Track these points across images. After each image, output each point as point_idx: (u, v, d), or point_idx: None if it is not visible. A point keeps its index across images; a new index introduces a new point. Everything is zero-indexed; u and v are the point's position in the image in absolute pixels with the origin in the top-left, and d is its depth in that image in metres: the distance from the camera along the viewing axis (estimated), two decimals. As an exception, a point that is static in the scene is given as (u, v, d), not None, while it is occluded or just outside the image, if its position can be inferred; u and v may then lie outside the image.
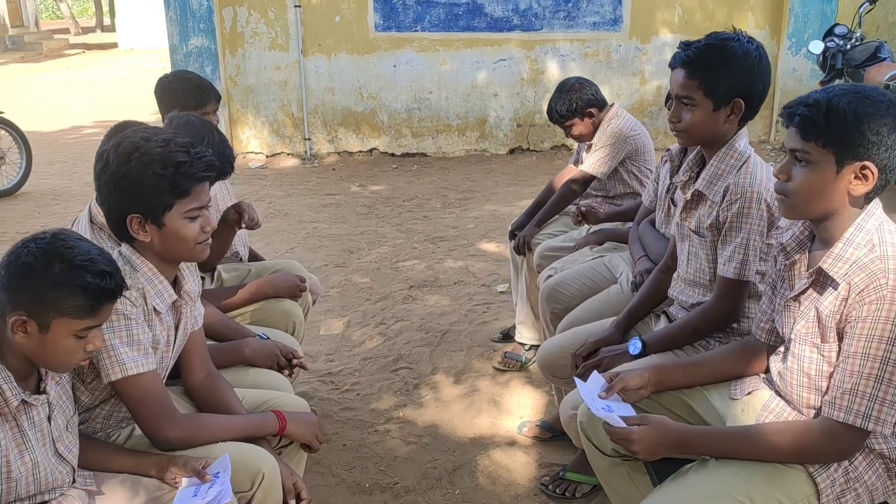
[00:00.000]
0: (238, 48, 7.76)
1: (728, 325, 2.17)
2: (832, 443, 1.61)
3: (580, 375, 2.14)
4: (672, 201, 2.53)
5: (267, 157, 8.04)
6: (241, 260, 3.05)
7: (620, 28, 7.75)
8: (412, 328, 4.07)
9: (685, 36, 7.27)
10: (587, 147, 3.54)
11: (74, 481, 1.69)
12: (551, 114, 3.48)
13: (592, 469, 2.10)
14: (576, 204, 3.50)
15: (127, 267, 1.80)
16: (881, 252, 1.57)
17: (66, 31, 26.58)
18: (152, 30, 20.32)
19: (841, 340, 1.62)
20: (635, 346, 2.23)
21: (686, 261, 2.29)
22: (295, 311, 2.74)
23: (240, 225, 2.66)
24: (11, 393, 1.54)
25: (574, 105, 3.40)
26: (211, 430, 1.87)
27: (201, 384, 2.05)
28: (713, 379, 1.96)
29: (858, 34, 6.16)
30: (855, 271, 1.58)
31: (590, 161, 3.45)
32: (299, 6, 7.61)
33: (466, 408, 3.29)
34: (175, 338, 1.92)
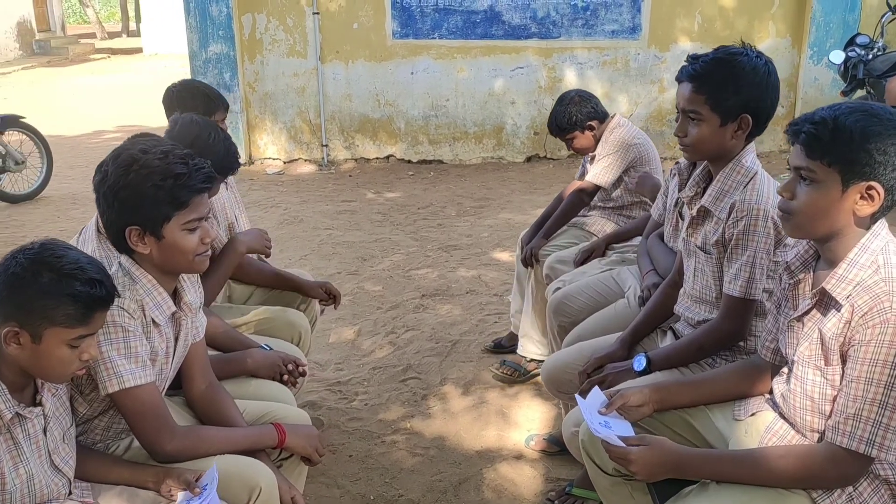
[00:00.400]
0: (257, 55, 7.81)
1: (734, 344, 2.13)
2: (836, 469, 1.58)
3: (583, 392, 2.11)
4: (680, 215, 2.50)
5: (284, 164, 8.08)
6: None
7: (639, 36, 7.71)
8: (422, 338, 4.05)
9: (705, 44, 7.21)
10: (591, 159, 3.52)
11: (71, 493, 1.70)
12: (552, 127, 3.48)
13: (594, 487, 2.07)
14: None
15: (126, 278, 1.81)
16: (886, 274, 1.53)
17: (93, 36, 26.92)
18: (177, 35, 20.47)
19: (844, 363, 1.59)
20: (640, 363, 2.21)
21: (692, 277, 2.26)
22: (300, 322, 2.74)
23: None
24: (5, 406, 1.55)
25: (574, 118, 3.39)
26: (209, 443, 1.87)
27: (202, 395, 2.05)
28: (716, 398, 1.92)
29: (881, 44, 6.09)
30: (859, 293, 1.55)
31: (594, 171, 3.43)
32: (317, 13, 7.65)
33: (474, 420, 3.27)
34: (175, 349, 1.92)
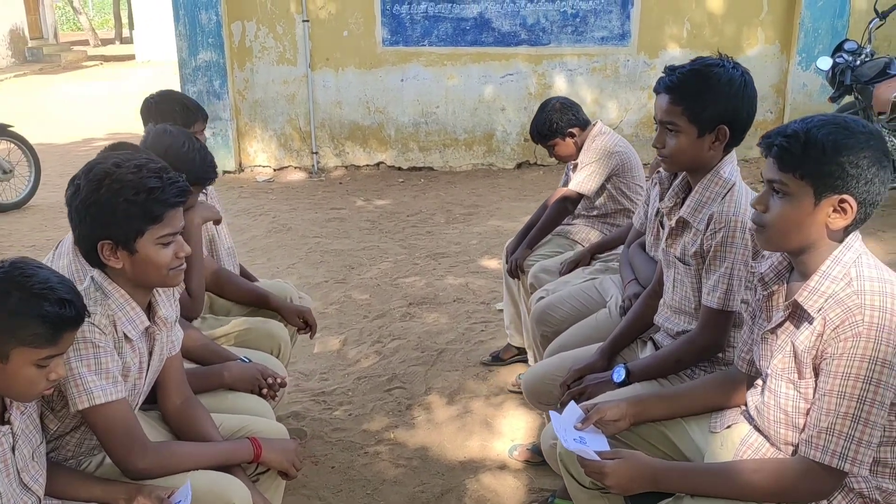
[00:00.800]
0: (246, 62, 7.80)
1: (713, 356, 2.13)
2: (809, 483, 1.57)
3: (563, 404, 2.10)
4: (661, 225, 2.49)
5: (274, 171, 8.07)
6: None
7: (629, 43, 7.72)
8: (408, 347, 4.04)
9: (694, 51, 7.19)
10: (573, 167, 3.52)
11: (40, 511, 1.68)
12: (533, 134, 3.48)
13: (573, 500, 2.06)
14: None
15: (98, 293, 1.79)
16: (858, 287, 1.53)
17: (86, 43, 26.90)
18: (170, 42, 20.45)
19: (817, 377, 1.58)
20: (619, 375, 2.20)
21: (672, 288, 2.25)
22: (280, 334, 2.72)
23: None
24: None
25: (555, 125, 3.39)
26: (182, 459, 1.85)
27: (177, 410, 2.04)
28: (693, 411, 1.92)
29: (868, 50, 6.08)
30: (831, 306, 1.54)
31: (577, 179, 3.43)
32: (307, 21, 7.65)
33: (458, 429, 3.25)
34: (148, 364, 1.91)
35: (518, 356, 3.70)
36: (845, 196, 1.54)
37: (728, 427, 1.83)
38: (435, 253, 5.54)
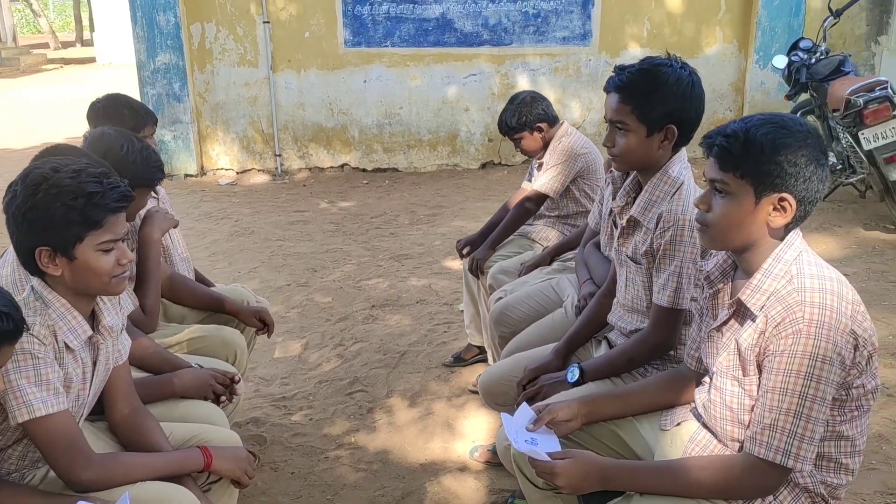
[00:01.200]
0: (207, 64, 7.70)
1: (664, 354, 2.14)
2: (754, 479, 1.58)
3: (520, 404, 2.10)
4: (614, 224, 2.51)
5: (237, 174, 7.98)
6: None
7: (590, 42, 7.76)
8: (371, 349, 4.02)
9: (654, 50, 7.27)
10: (538, 165, 3.53)
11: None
12: (501, 126, 3.48)
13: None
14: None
15: (38, 303, 1.75)
16: (798, 284, 1.55)
17: (46, 46, 26.35)
18: (130, 44, 20.20)
19: (761, 374, 1.59)
20: (573, 374, 2.20)
21: (624, 287, 2.26)
22: (236, 341, 2.67)
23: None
24: None
25: (524, 119, 3.39)
26: (128, 470, 1.81)
27: (125, 421, 2.00)
28: (643, 409, 1.93)
29: (823, 48, 6.18)
30: (772, 303, 1.56)
31: (542, 180, 3.43)
32: (268, 22, 7.58)
33: (420, 432, 3.24)
34: (93, 374, 1.86)
35: (479, 356, 3.71)
36: (785, 194, 1.56)
37: (678, 424, 1.85)
38: (398, 254, 5.52)
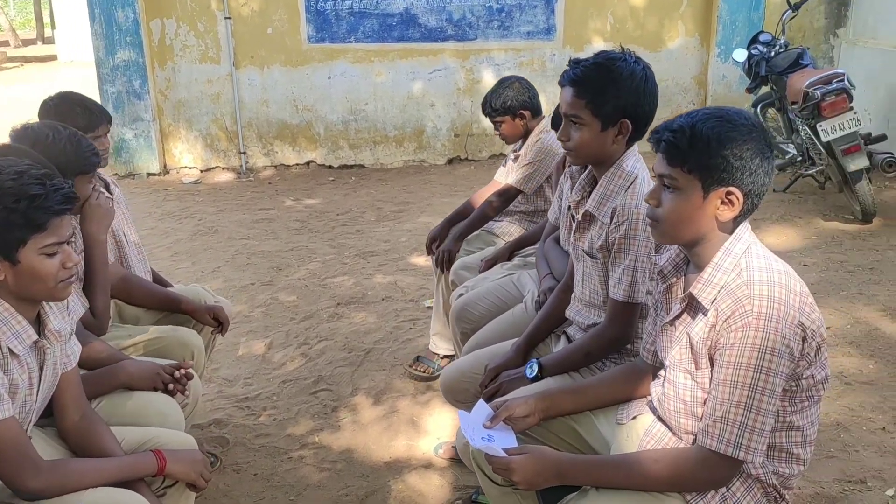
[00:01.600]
0: (168, 61, 7.59)
1: (621, 348, 2.15)
2: (706, 471, 1.59)
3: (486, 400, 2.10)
4: (573, 218, 2.51)
5: (201, 172, 7.88)
6: None
7: (554, 37, 7.78)
8: (335, 348, 3.99)
9: (617, 44, 7.34)
10: (514, 157, 3.53)
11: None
12: (485, 106, 3.46)
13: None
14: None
15: (-21, 308, 1.71)
16: (747, 277, 1.56)
17: (6, 44, 25.81)
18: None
19: (713, 367, 1.61)
20: (532, 370, 2.20)
21: (581, 281, 2.27)
22: (193, 341, 2.63)
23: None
24: None
25: (509, 103, 3.38)
26: (79, 476, 1.77)
27: (75, 427, 1.96)
28: (600, 403, 1.93)
29: (782, 41, 6.26)
30: (723, 297, 1.57)
31: (517, 176, 3.43)
32: (229, 18, 7.49)
33: (384, 430, 3.23)
34: (39, 380, 1.82)
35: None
36: (732, 188, 1.57)
37: (634, 418, 1.86)
38: (364, 251, 5.49)
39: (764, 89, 6.47)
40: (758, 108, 6.49)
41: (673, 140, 1.58)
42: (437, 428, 3.22)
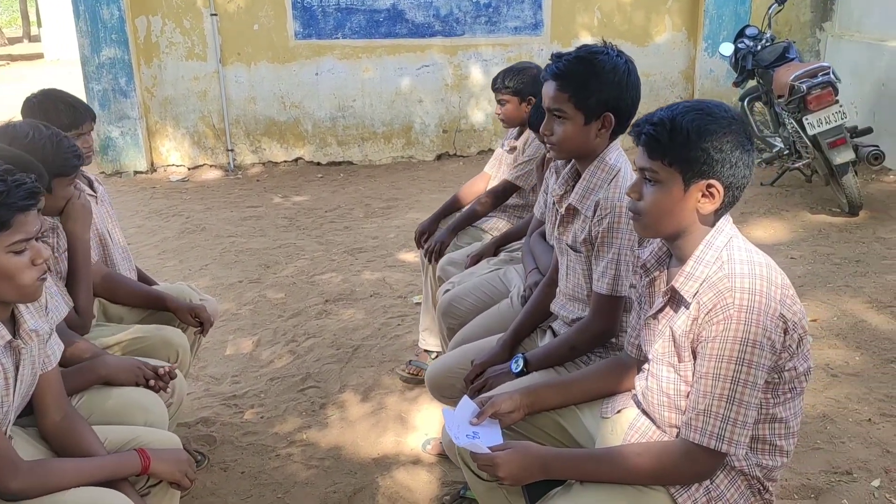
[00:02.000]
0: (154, 58, 7.55)
1: (606, 342, 2.15)
2: (690, 464, 1.60)
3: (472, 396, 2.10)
4: (557, 212, 2.51)
5: (189, 170, 7.84)
6: None
7: (541, 32, 7.78)
8: (324, 344, 3.98)
9: (605, 39, 7.30)
10: (509, 148, 3.52)
11: None
12: (497, 80, 3.44)
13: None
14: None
15: (-49, 308, 1.68)
16: (729, 270, 1.56)
17: (-9, 42, 25.68)
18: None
19: (696, 360, 1.61)
20: (517, 364, 2.20)
21: (565, 275, 2.26)
22: (178, 340, 2.61)
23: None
24: None
25: (521, 86, 3.36)
26: (60, 477, 1.76)
27: (57, 427, 1.94)
28: (585, 397, 1.93)
29: (768, 35, 6.28)
30: (704, 290, 1.57)
31: (516, 173, 3.42)
32: (215, 14, 7.44)
33: (372, 426, 3.22)
34: (15, 381, 1.80)
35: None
36: (712, 181, 1.57)
37: (618, 412, 1.85)
38: (352, 248, 5.48)
39: (751, 83, 6.48)
40: (745, 102, 6.50)
41: (653, 133, 1.58)
42: (425, 424, 3.22)
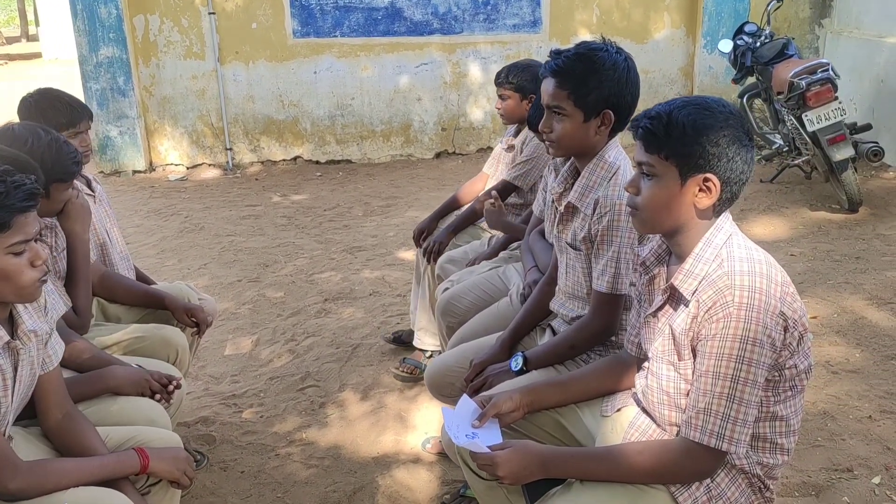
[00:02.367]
0: (152, 57, 7.54)
1: (606, 340, 2.14)
2: (690, 463, 1.59)
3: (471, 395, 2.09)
4: (556, 210, 2.50)
5: (188, 169, 7.83)
6: None
7: (540, 29, 7.77)
8: (323, 343, 3.98)
9: (604, 36, 7.31)
10: (507, 147, 3.51)
11: None
12: (500, 74, 3.44)
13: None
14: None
15: (-50, 309, 1.68)
16: (728, 268, 1.55)
17: (-11, 42, 25.64)
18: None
19: (696, 358, 1.60)
20: (516, 363, 2.19)
21: (565, 273, 2.26)
22: (177, 339, 2.61)
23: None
24: None
25: (524, 83, 3.36)
26: (59, 476, 1.75)
27: (59, 426, 1.93)
28: (585, 396, 1.93)
29: (767, 32, 6.27)
30: (704, 288, 1.56)
31: (514, 173, 3.42)
32: (213, 13, 7.43)
33: (371, 425, 3.21)
34: (14, 381, 1.79)
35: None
36: (709, 175, 1.57)
37: (618, 410, 1.85)
38: (352, 247, 5.47)
39: (750, 80, 6.48)
40: (744, 99, 6.50)
41: (650, 127, 1.58)
42: (425, 423, 3.21)
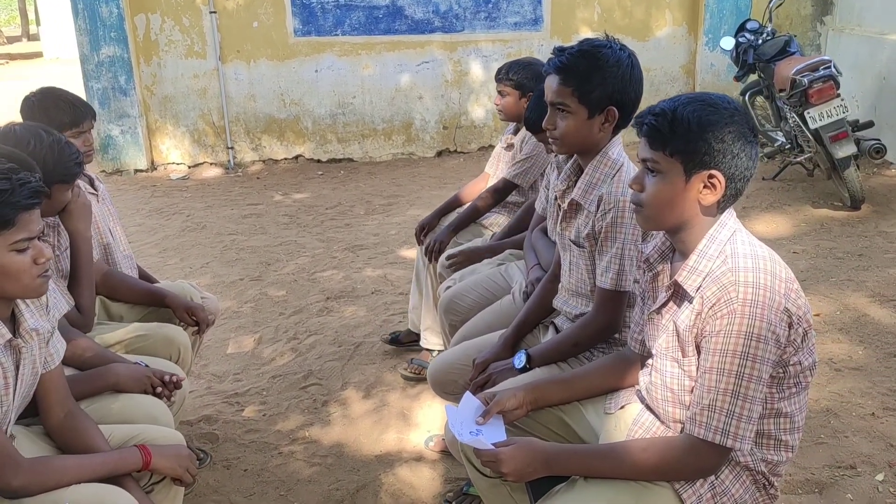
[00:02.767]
0: (153, 56, 7.54)
1: (609, 337, 2.14)
2: (695, 460, 1.59)
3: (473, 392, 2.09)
4: (559, 208, 2.50)
5: (189, 168, 7.83)
6: None
7: (541, 27, 7.76)
8: (325, 342, 3.98)
9: (605, 34, 7.31)
10: (507, 146, 3.51)
11: None
12: (500, 71, 3.44)
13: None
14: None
15: (-49, 306, 1.68)
16: (732, 264, 1.55)
17: (-10, 41, 25.68)
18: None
19: (700, 355, 1.60)
20: (520, 360, 2.19)
21: (568, 271, 2.25)
22: (179, 338, 2.61)
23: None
24: None
25: (524, 80, 3.35)
26: (62, 473, 1.75)
27: (61, 424, 1.93)
28: (588, 393, 1.92)
29: (769, 29, 6.26)
30: (708, 284, 1.56)
31: (514, 171, 3.42)
32: (215, 12, 7.43)
33: (374, 423, 3.21)
34: (16, 380, 1.79)
35: (415, 341, 3.68)
36: (713, 171, 1.56)
37: (622, 407, 1.85)
38: (353, 245, 5.47)
39: (752, 77, 6.46)
40: (746, 97, 6.48)
41: (654, 124, 1.57)
42: (428, 421, 3.21)
